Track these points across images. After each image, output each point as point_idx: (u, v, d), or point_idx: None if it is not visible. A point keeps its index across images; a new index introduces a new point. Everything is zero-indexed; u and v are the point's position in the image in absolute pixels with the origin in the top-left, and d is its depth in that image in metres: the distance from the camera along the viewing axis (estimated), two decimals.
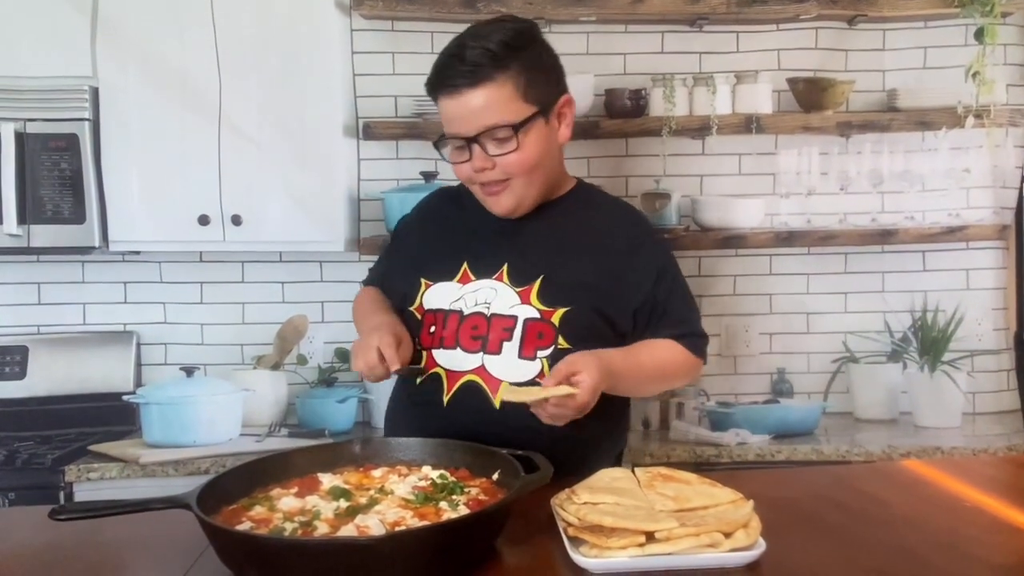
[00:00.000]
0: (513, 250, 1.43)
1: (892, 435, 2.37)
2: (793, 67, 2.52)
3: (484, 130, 1.35)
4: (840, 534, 1.08)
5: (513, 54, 1.35)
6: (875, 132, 2.47)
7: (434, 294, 1.44)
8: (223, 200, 2.32)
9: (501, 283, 1.41)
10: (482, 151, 1.36)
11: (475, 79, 1.33)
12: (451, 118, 1.37)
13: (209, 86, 2.31)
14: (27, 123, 2.27)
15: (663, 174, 2.51)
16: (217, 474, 1.14)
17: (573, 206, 1.50)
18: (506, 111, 1.34)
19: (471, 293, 1.42)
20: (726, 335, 2.59)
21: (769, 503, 1.06)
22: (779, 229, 2.50)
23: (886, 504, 1.19)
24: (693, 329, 1.47)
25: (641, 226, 1.53)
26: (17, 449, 2.22)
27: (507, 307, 1.40)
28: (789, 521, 1.10)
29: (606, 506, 1.04)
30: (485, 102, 1.33)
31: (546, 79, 1.40)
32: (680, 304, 1.47)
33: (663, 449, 2.28)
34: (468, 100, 1.34)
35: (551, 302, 1.39)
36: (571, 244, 1.45)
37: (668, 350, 1.43)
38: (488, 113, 1.34)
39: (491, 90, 1.33)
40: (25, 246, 2.29)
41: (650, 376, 1.44)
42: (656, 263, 1.46)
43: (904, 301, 2.56)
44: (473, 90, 1.33)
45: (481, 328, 1.39)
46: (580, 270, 1.42)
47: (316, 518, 1.01)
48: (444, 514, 1.02)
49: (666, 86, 2.44)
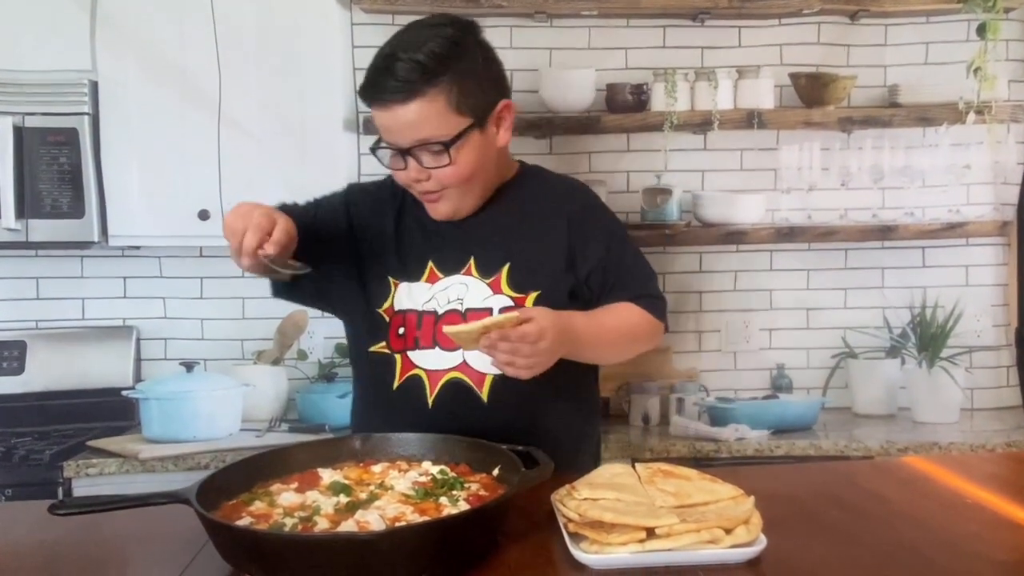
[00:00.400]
0: (476, 243, 1.42)
1: (890, 431, 2.37)
2: (795, 62, 2.51)
3: (417, 143, 1.32)
4: (840, 531, 1.07)
5: (445, 65, 1.30)
6: (876, 128, 2.47)
7: (404, 295, 1.42)
8: (223, 195, 2.31)
9: (470, 277, 1.41)
10: (416, 163, 1.34)
11: (406, 94, 1.29)
12: (384, 128, 1.35)
13: (209, 80, 2.31)
14: (26, 117, 2.27)
15: (664, 169, 2.51)
16: (217, 470, 1.13)
17: (523, 191, 1.48)
18: (438, 126, 1.31)
19: (442, 292, 1.41)
20: (726, 331, 2.59)
21: (769, 499, 1.05)
22: (780, 225, 2.49)
23: (886, 501, 1.19)
24: (650, 291, 1.47)
25: (588, 197, 1.53)
26: (15, 445, 2.20)
27: (480, 300, 1.39)
28: (790, 517, 1.09)
29: (606, 502, 1.03)
30: (416, 117, 1.30)
31: (481, 88, 1.36)
32: (634, 267, 1.47)
33: (663, 444, 2.28)
34: (399, 115, 1.31)
35: (521, 287, 1.39)
36: (528, 227, 1.44)
37: (628, 311, 1.42)
38: (420, 128, 1.31)
39: (422, 105, 1.30)
40: (24, 240, 2.28)
41: (613, 338, 1.42)
42: (606, 230, 1.48)
43: (904, 297, 2.56)
44: (404, 105, 1.30)
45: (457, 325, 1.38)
46: (541, 251, 1.43)
47: (316, 513, 1.01)
48: (444, 510, 1.02)
49: (668, 81, 2.43)
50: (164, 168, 2.32)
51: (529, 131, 2.48)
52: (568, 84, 2.45)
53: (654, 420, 2.46)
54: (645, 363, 2.56)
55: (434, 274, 1.42)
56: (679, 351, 2.59)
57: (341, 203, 1.50)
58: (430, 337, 1.39)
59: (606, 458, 2.19)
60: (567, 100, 2.46)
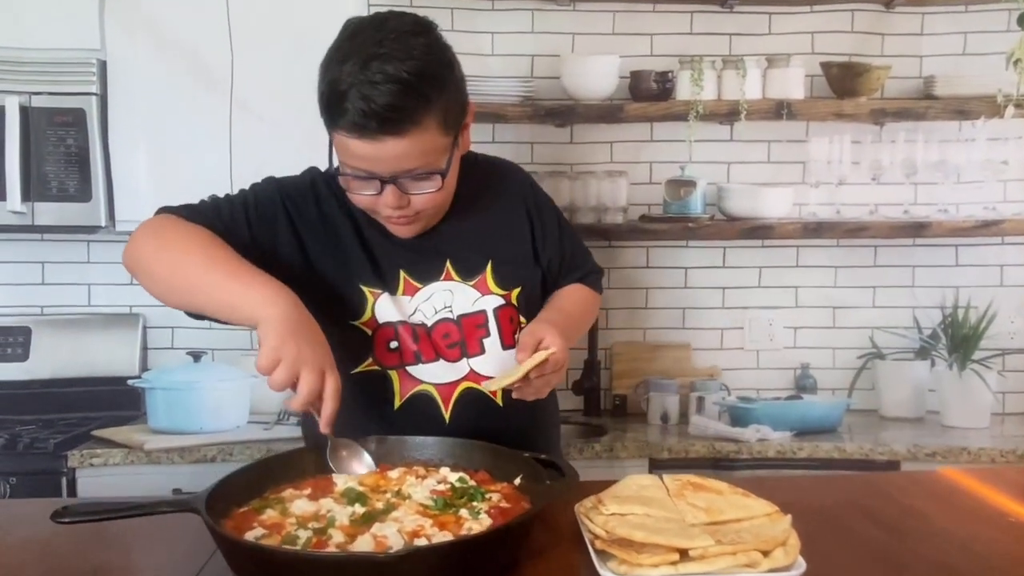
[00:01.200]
0: (448, 246, 1.32)
1: (918, 434, 2.33)
2: (827, 51, 2.46)
3: (403, 173, 1.17)
4: (881, 552, 1.02)
5: (436, 85, 1.13)
6: (910, 120, 2.42)
7: (387, 306, 1.28)
8: (233, 179, 2.18)
9: (452, 282, 1.31)
10: (397, 191, 1.18)
11: (397, 127, 1.11)
12: (360, 157, 1.15)
13: (221, 61, 2.26)
14: (32, 97, 2.24)
15: (689, 160, 2.46)
16: (228, 474, 1.07)
17: (472, 183, 1.34)
18: (430, 153, 1.17)
19: (425, 302, 1.30)
20: (749, 328, 2.57)
21: (801, 514, 1.00)
22: (807, 220, 2.45)
23: (924, 517, 1.14)
24: (592, 267, 1.51)
25: (531, 181, 1.48)
26: (19, 433, 2.18)
27: (471, 304, 1.31)
28: (825, 535, 1.04)
29: (635, 518, 0.99)
30: (409, 149, 1.14)
31: (459, 98, 1.20)
32: (578, 248, 1.49)
33: (681, 444, 2.24)
34: (388, 148, 1.13)
35: (507, 283, 1.34)
36: (493, 221, 1.37)
37: (579, 293, 1.46)
38: (411, 158, 1.15)
39: (416, 136, 1.13)
40: (29, 224, 2.25)
41: (580, 324, 1.47)
42: (553, 214, 1.45)
43: (935, 296, 2.52)
44: (397, 139, 1.12)
45: (453, 334, 1.30)
46: (514, 244, 1.38)
47: (331, 525, 0.96)
48: (464, 523, 0.97)
49: (694, 69, 2.38)
50: (173, 151, 2.27)
51: (549, 119, 2.45)
52: (591, 71, 2.40)
53: (673, 419, 2.43)
54: (664, 360, 2.54)
55: (411, 284, 1.30)
56: (700, 348, 2.57)
57: (276, 204, 1.27)
58: (431, 350, 1.30)
59: (622, 458, 2.22)
60: (589, 87, 2.41)
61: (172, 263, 1.16)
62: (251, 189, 1.31)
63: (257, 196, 1.28)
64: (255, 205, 1.26)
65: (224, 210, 1.25)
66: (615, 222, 2.45)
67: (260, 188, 1.31)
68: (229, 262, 1.14)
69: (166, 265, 1.17)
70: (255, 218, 1.25)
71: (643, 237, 2.53)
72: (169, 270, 1.16)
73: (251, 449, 2.13)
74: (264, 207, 1.26)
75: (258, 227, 1.25)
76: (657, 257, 2.58)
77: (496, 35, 2.48)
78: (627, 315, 2.58)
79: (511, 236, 1.38)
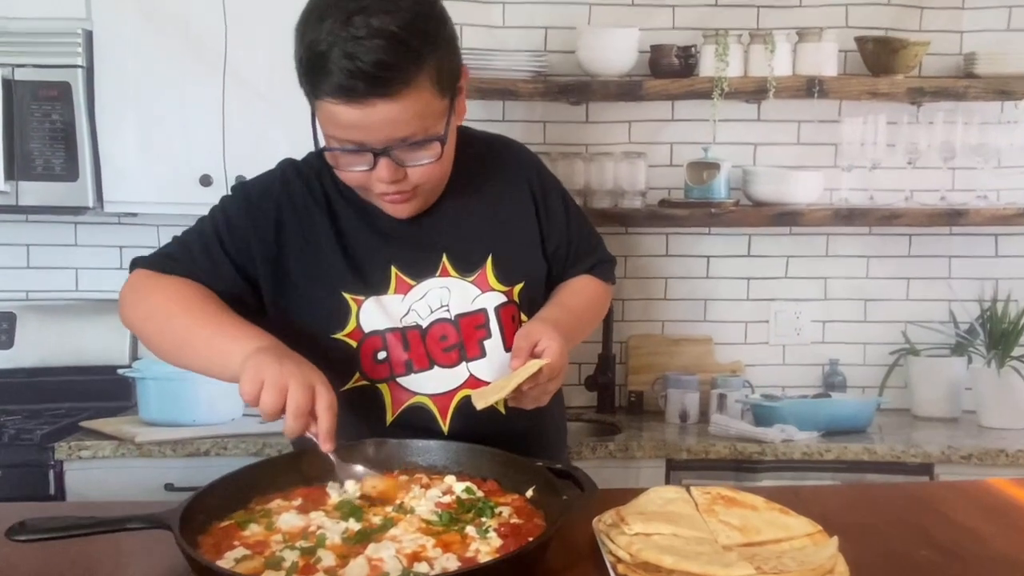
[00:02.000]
0: (444, 236, 1.22)
1: (953, 435, 2.27)
2: (862, 25, 2.38)
3: (397, 142, 1.07)
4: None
5: (425, 39, 1.03)
6: (949, 100, 2.35)
7: (374, 312, 1.18)
8: (227, 159, 2.21)
9: (449, 278, 1.21)
10: (392, 163, 1.08)
11: (387, 87, 1.01)
12: (347, 125, 1.05)
13: (214, 32, 2.20)
14: (15, 69, 2.18)
15: (712, 141, 2.40)
16: (208, 484, 0.99)
17: (468, 163, 1.24)
18: (427, 118, 1.07)
19: (419, 301, 1.19)
20: (775, 321, 2.52)
21: (845, 532, 0.94)
22: (838, 206, 2.39)
23: (979, 538, 1.06)
24: (602, 256, 1.39)
25: (534, 160, 1.35)
26: (4, 424, 2.14)
27: (469, 302, 1.21)
28: (874, 560, 0.96)
29: (662, 538, 0.92)
30: (401, 113, 1.04)
31: (452, 54, 1.10)
32: (587, 234, 1.38)
33: (701, 444, 2.19)
34: (379, 112, 1.03)
35: (509, 278, 1.23)
36: (494, 207, 1.26)
37: (587, 287, 1.35)
38: (406, 124, 1.05)
39: (410, 97, 1.03)
40: (13, 204, 2.19)
41: (587, 321, 1.36)
42: (559, 196, 1.33)
43: (972, 289, 2.46)
44: (388, 102, 1.02)
45: (451, 336, 1.20)
46: (516, 232, 1.27)
47: (321, 544, 0.89)
48: (472, 543, 0.90)
49: (719, 43, 2.31)
50: (164, 128, 2.23)
51: (563, 96, 2.39)
52: (608, 45, 2.33)
53: (692, 418, 2.37)
54: (684, 354, 2.51)
55: (403, 282, 1.19)
56: (722, 342, 2.52)
57: (245, 224, 1.18)
58: (424, 357, 1.19)
59: (638, 458, 2.17)
60: (606, 62, 2.33)
61: (160, 331, 1.15)
62: (221, 211, 1.21)
63: (229, 220, 1.20)
64: (228, 232, 1.19)
65: (198, 253, 1.18)
66: (633, 207, 2.39)
67: (229, 207, 1.21)
68: (211, 319, 1.11)
69: (155, 333, 1.16)
70: (232, 248, 1.18)
71: (662, 223, 2.47)
72: (159, 338, 1.16)
73: (246, 443, 2.09)
74: (236, 231, 1.19)
75: (237, 255, 1.18)
76: (677, 245, 2.52)
77: (507, 5, 2.41)
78: (644, 306, 2.53)
79: (514, 224, 1.27)
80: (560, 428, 1.40)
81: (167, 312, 1.12)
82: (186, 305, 1.12)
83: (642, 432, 2.25)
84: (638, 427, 2.31)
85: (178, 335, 1.12)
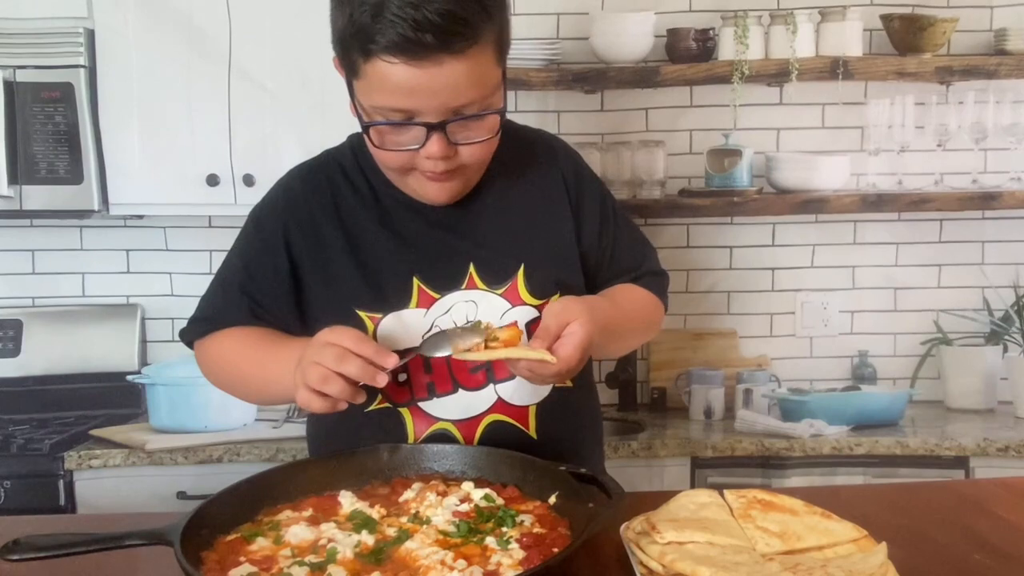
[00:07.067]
0: (471, 243, 1.14)
1: (988, 428, 2.23)
2: (887, 2, 2.34)
3: (456, 112, 1.00)
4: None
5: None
6: (980, 79, 2.31)
7: (393, 329, 1.11)
8: (233, 158, 2.21)
9: (476, 291, 1.13)
10: (445, 138, 1.01)
11: (458, 41, 0.93)
12: (404, 89, 0.96)
13: (218, 28, 2.19)
14: (17, 71, 2.18)
15: (733, 128, 2.37)
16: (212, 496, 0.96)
17: (504, 159, 1.16)
18: (487, 87, 0.99)
19: (443, 316, 1.12)
20: (801, 312, 2.48)
21: (892, 535, 0.91)
22: (866, 191, 2.36)
23: None
24: (652, 267, 1.29)
25: (574, 156, 1.27)
26: (12, 433, 2.13)
27: (498, 317, 1.12)
28: (927, 566, 0.92)
29: (697, 547, 0.88)
30: (466, 76, 0.96)
31: (509, 21, 1.04)
32: (631, 243, 1.28)
33: (727, 441, 2.16)
34: (443, 73, 0.95)
35: (541, 291, 1.14)
36: (528, 210, 1.18)
37: (642, 294, 1.26)
38: (468, 90, 0.98)
39: (474, 58, 0.96)
40: (17, 209, 2.19)
41: (632, 327, 1.24)
42: (595, 197, 1.24)
43: (1007, 275, 2.43)
44: (456, 59, 0.94)
45: None
46: (551, 238, 1.18)
47: (331, 560, 0.86)
48: (492, 556, 0.87)
49: (738, 25, 2.28)
50: (169, 128, 2.22)
51: (577, 85, 2.35)
52: (623, 30, 2.30)
53: (717, 414, 2.34)
54: (708, 349, 2.47)
55: (426, 295, 1.12)
56: (747, 336, 2.49)
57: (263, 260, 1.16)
58: (447, 379, 1.12)
59: (662, 456, 2.14)
60: (621, 48, 2.31)
61: (241, 384, 1.20)
62: (237, 255, 1.20)
63: (246, 264, 1.18)
64: (251, 277, 1.17)
65: (234, 301, 1.17)
66: (652, 197, 2.35)
67: (245, 250, 1.19)
68: (268, 350, 1.13)
69: (239, 389, 1.22)
70: (264, 283, 1.17)
71: (683, 213, 2.43)
72: (243, 391, 1.22)
73: (259, 449, 2.09)
74: (256, 269, 1.17)
75: (271, 287, 1.17)
76: (699, 235, 2.48)
77: None
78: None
79: (549, 230, 1.18)
80: (597, 443, 1.29)
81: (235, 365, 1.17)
82: (245, 357, 1.15)
83: (666, 430, 2.23)
84: (661, 425, 2.28)
85: (249, 386, 1.19)
